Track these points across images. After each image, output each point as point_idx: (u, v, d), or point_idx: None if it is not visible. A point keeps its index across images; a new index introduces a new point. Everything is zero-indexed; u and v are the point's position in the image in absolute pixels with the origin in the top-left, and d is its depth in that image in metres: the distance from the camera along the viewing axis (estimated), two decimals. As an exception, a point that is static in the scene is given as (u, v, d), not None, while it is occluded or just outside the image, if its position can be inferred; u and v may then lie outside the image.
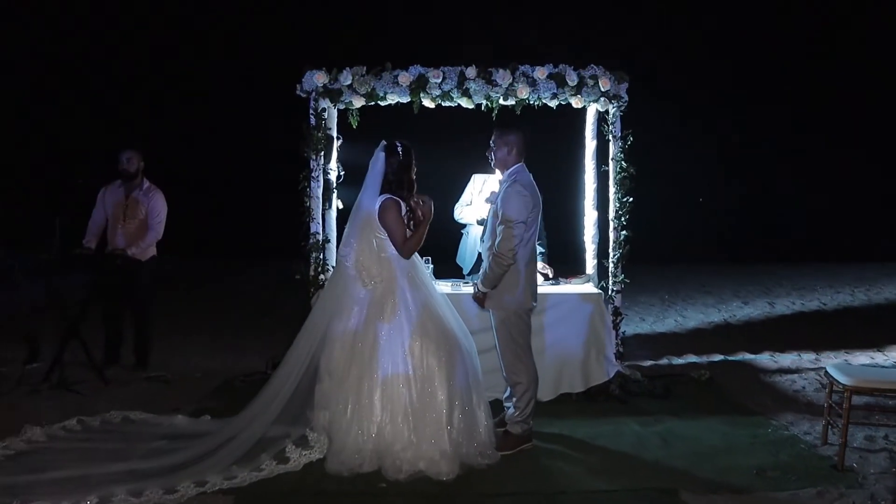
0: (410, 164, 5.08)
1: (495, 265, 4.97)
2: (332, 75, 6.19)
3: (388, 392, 4.78)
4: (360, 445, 4.71)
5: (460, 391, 4.86)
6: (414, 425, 4.73)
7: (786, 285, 13.60)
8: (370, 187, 5.02)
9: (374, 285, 4.95)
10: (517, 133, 5.22)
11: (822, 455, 5.01)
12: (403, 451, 4.68)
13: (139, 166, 7.05)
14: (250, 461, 4.68)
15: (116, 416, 5.69)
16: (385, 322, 4.87)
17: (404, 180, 5.04)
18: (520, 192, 5.01)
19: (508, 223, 4.93)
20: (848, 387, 4.78)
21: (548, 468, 4.84)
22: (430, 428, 4.74)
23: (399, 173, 5.02)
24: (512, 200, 4.99)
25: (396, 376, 4.79)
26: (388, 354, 4.82)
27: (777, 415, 5.90)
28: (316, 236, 6.32)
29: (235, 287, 13.80)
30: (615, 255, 6.38)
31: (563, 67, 6.12)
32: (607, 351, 6.27)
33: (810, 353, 8.15)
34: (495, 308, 5.16)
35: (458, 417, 4.81)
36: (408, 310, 4.91)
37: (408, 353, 4.82)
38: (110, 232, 7.05)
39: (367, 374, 4.81)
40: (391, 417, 4.75)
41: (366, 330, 4.89)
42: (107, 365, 7.10)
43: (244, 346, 8.37)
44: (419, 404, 4.76)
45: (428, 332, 4.89)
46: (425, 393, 4.78)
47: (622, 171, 6.29)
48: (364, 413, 4.76)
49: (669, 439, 5.34)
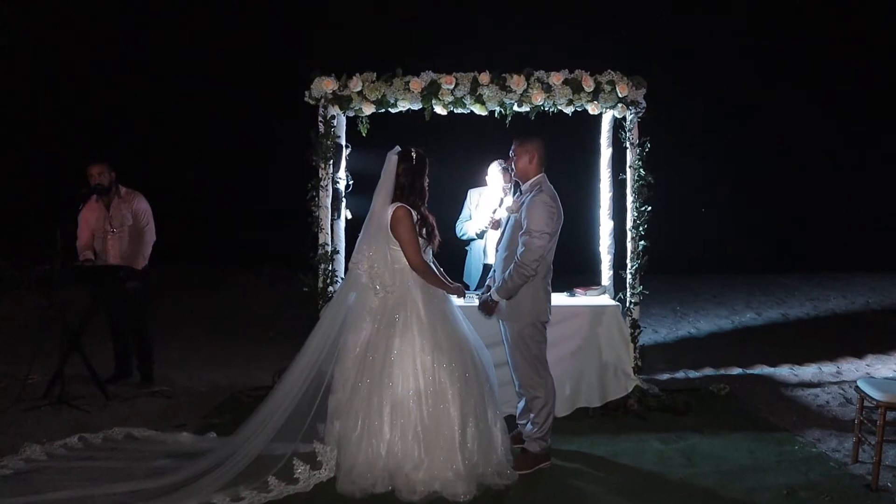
0: (423, 171, 4.92)
1: (517, 276, 4.80)
2: (341, 81, 6.02)
3: (399, 408, 4.58)
4: (371, 462, 4.52)
5: (475, 408, 4.68)
6: (425, 443, 4.54)
7: (799, 296, 13.40)
8: (382, 192, 4.85)
9: (385, 294, 4.77)
10: (537, 141, 5.05)
11: (854, 474, 4.82)
12: (415, 470, 4.49)
13: (111, 177, 6.86)
14: (256, 480, 4.50)
15: (119, 434, 5.51)
16: (396, 335, 4.69)
17: (416, 187, 4.88)
18: (546, 202, 4.85)
19: (533, 234, 4.77)
20: (882, 402, 4.59)
21: (569, 488, 4.66)
22: (443, 446, 4.55)
23: (412, 179, 4.85)
24: (538, 210, 4.82)
25: (407, 392, 4.60)
26: (400, 369, 4.63)
27: (803, 431, 5.70)
28: (325, 247, 6.14)
29: (239, 299, 13.60)
30: (633, 265, 6.19)
31: (579, 73, 5.95)
32: (625, 365, 6.09)
33: (830, 364, 7.96)
34: (511, 320, 4.98)
35: (472, 435, 4.61)
36: (420, 323, 4.72)
37: (420, 368, 4.64)
38: (100, 247, 6.88)
39: (377, 388, 4.61)
40: (401, 434, 4.56)
41: (377, 342, 4.70)
42: (118, 379, 6.99)
43: (249, 359, 8.18)
44: (431, 421, 4.57)
45: (441, 346, 4.70)
46: (437, 410, 4.59)
47: (640, 180, 6.11)
48: (374, 429, 4.57)
49: (693, 457, 5.15)
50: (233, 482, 4.47)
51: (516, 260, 4.80)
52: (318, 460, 4.69)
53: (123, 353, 7.14)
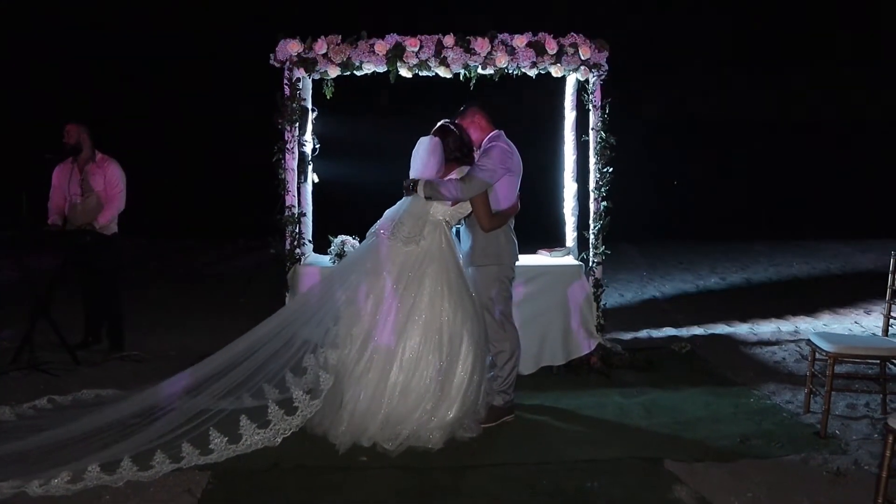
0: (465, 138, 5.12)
1: (444, 189, 4.86)
2: (306, 44, 6.03)
3: (416, 361, 4.73)
4: (372, 413, 4.65)
5: (481, 364, 4.86)
6: (435, 396, 4.70)
7: (763, 262, 13.64)
8: (429, 166, 4.96)
9: (415, 246, 4.87)
10: (472, 105, 5.25)
11: (805, 423, 5.00)
12: (420, 417, 4.65)
13: (79, 138, 6.79)
14: (229, 429, 4.53)
15: (89, 395, 5.52)
16: (426, 289, 4.81)
17: (465, 153, 5.08)
18: (500, 146, 5.02)
19: (479, 167, 4.92)
20: (831, 353, 4.75)
21: (531, 439, 4.78)
22: (447, 401, 4.73)
23: (462, 146, 5.06)
24: (492, 151, 5.00)
25: (426, 346, 4.74)
26: (421, 322, 4.75)
27: (759, 385, 5.88)
28: (291, 209, 6.18)
29: (212, 266, 13.59)
30: (596, 226, 6.29)
31: (542, 35, 6.00)
32: (588, 324, 6.21)
33: (787, 323, 8.20)
34: (478, 265, 5.08)
35: (473, 390, 4.81)
36: (450, 279, 4.86)
37: (444, 323, 4.77)
38: (70, 210, 6.82)
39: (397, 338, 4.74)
40: (416, 385, 4.70)
41: (405, 293, 4.80)
42: (89, 345, 6.99)
43: (221, 324, 8.20)
44: (445, 376, 4.73)
45: (465, 304, 4.86)
46: (452, 364, 4.77)
47: (602, 142, 6.20)
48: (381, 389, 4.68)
49: (653, 410, 5.31)
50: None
51: (457, 183, 4.87)
52: (293, 405, 4.72)
53: (93, 319, 7.12)
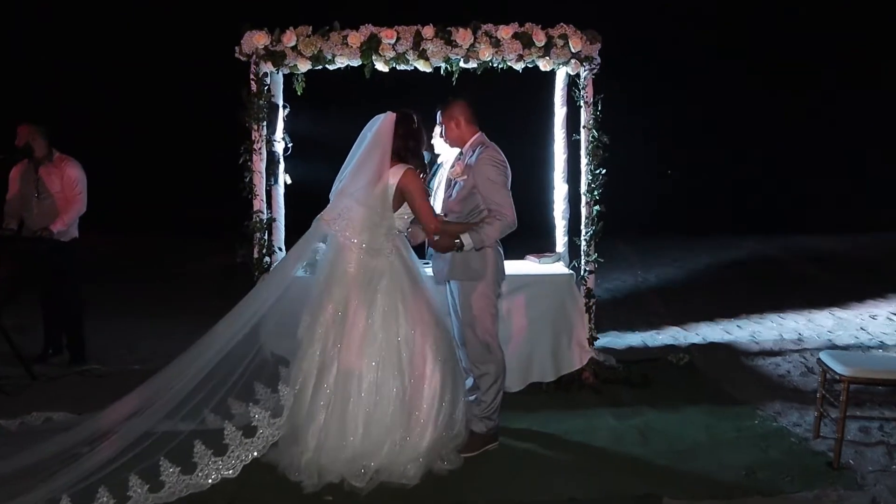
0: (423, 137, 4.64)
1: (492, 231, 4.48)
2: (274, 36, 5.57)
3: (374, 386, 4.23)
4: (336, 451, 4.18)
5: (452, 388, 4.39)
6: (403, 423, 4.23)
7: (763, 258, 13.46)
8: (374, 152, 4.40)
9: (366, 257, 4.36)
10: (457, 103, 4.77)
11: (816, 450, 4.60)
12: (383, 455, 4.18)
13: (30, 140, 6.38)
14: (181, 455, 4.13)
15: (37, 419, 5.10)
16: (378, 305, 4.31)
17: (417, 153, 4.58)
18: (493, 157, 4.58)
19: (503, 207, 4.50)
20: (845, 377, 4.33)
21: (516, 472, 4.36)
22: (415, 428, 4.26)
23: (415, 144, 4.54)
24: (490, 175, 4.53)
25: (388, 367, 4.25)
26: (376, 343, 4.26)
27: (763, 403, 5.48)
28: (259, 215, 5.72)
29: (184, 270, 13.10)
30: (588, 232, 5.86)
31: (529, 26, 5.55)
32: (579, 336, 5.79)
33: (789, 323, 8.01)
34: (460, 279, 4.63)
35: (443, 417, 4.34)
36: (404, 294, 4.37)
37: (402, 342, 4.29)
38: (26, 213, 6.41)
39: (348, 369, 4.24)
40: (380, 413, 4.21)
41: (356, 310, 4.31)
42: (48, 357, 6.65)
43: (193, 331, 7.76)
44: (411, 399, 4.26)
45: (425, 319, 4.38)
46: (418, 387, 4.30)
47: (594, 141, 5.75)
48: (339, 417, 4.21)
49: (648, 435, 4.89)
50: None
51: (494, 221, 4.48)
52: (252, 426, 4.31)
53: (53, 329, 6.73)
